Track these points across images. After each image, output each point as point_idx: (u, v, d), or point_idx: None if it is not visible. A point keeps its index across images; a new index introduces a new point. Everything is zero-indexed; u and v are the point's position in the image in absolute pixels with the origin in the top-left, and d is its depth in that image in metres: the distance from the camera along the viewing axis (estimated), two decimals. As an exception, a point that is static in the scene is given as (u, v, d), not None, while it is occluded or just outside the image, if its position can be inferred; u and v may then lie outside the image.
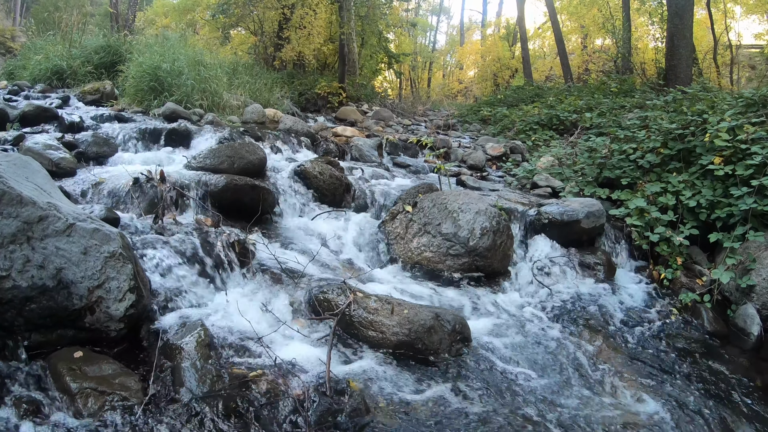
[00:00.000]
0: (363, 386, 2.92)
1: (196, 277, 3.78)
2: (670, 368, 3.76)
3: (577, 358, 3.69)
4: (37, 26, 16.13)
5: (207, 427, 2.44)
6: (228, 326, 3.30)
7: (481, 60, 30.51)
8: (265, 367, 2.93)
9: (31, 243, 2.74)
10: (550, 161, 8.26)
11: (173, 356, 2.87)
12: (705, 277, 5.10)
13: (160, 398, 2.64)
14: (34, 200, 2.82)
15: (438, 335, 3.39)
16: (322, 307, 3.56)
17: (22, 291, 2.68)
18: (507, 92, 18.71)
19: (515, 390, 3.15)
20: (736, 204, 5.12)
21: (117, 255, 2.91)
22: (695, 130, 6.18)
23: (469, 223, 4.88)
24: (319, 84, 15.35)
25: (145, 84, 9.54)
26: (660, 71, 13.87)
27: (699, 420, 3.09)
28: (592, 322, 4.35)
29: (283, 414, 2.60)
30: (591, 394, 3.24)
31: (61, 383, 2.56)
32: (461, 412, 2.85)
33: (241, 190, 5.05)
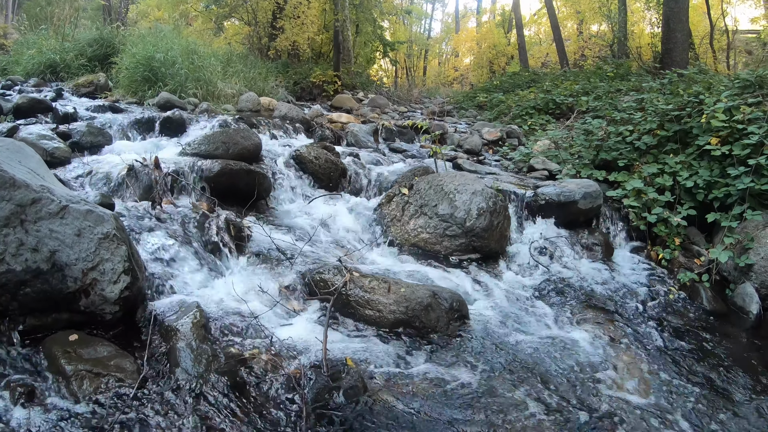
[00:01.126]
0: (360, 364, 2.92)
1: (192, 260, 3.77)
2: (668, 344, 3.75)
3: (575, 334, 3.68)
4: (29, 22, 16.01)
5: (203, 407, 2.43)
6: (224, 308, 3.28)
7: (477, 47, 30.37)
8: (261, 347, 2.92)
9: (25, 226, 2.71)
10: (546, 145, 8.24)
11: (169, 338, 2.85)
12: (703, 257, 5.09)
13: (155, 379, 2.63)
14: (28, 183, 2.80)
15: (435, 313, 3.38)
16: (318, 287, 3.55)
17: (16, 275, 2.66)
18: (503, 78, 18.63)
19: (514, 366, 3.13)
20: (734, 184, 5.11)
21: (111, 236, 2.89)
22: (692, 111, 6.16)
23: (466, 204, 4.86)
24: (314, 73, 15.28)
25: (139, 74, 9.48)
26: (656, 55, 13.82)
27: (698, 395, 3.08)
28: (591, 299, 4.35)
29: (280, 392, 2.60)
30: (590, 371, 3.22)
31: (55, 366, 2.54)
32: (459, 388, 2.83)
33: (236, 175, 5.02)
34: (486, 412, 2.67)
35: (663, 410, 2.86)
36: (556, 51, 21.58)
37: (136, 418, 2.32)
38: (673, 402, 2.97)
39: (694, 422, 2.79)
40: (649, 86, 8.60)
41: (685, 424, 2.76)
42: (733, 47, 16.91)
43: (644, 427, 2.67)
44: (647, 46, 15.93)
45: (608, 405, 2.85)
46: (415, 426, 2.48)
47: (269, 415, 2.45)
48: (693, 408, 2.93)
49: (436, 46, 41.26)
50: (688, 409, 2.90)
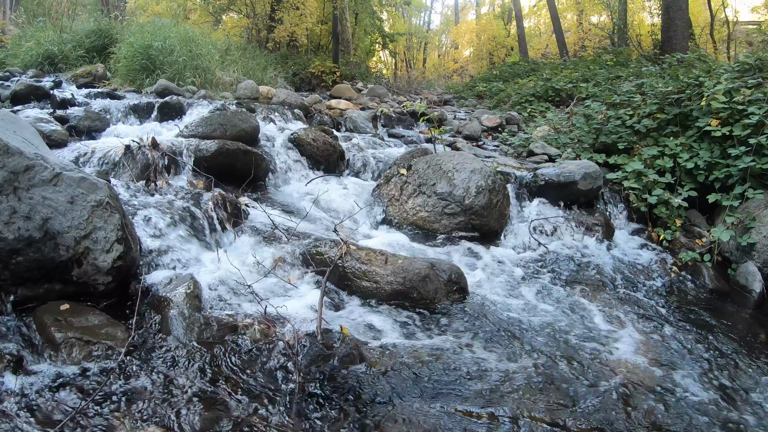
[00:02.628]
0: (356, 334, 2.88)
1: (187, 236, 3.73)
2: (670, 319, 3.71)
3: (577, 308, 3.64)
4: (27, 16, 15.96)
5: (194, 373, 2.40)
6: (218, 280, 3.24)
7: (477, 39, 30.28)
8: (255, 316, 2.88)
9: (18, 193, 2.68)
10: (546, 130, 8.19)
11: (161, 307, 2.82)
12: (704, 239, 5.06)
13: (146, 346, 2.60)
14: (21, 150, 2.76)
15: (433, 284, 3.34)
16: (314, 260, 3.52)
17: (8, 243, 2.63)
18: (502, 68, 18.56)
19: (514, 337, 3.08)
20: (735, 164, 5.10)
21: (104, 204, 2.86)
22: (691, 94, 6.14)
23: (464, 182, 4.83)
24: (313, 63, 15.24)
25: (137, 63, 9.45)
26: (656, 43, 13.75)
27: (701, 367, 3.03)
28: (591, 276, 4.31)
29: (273, 359, 2.55)
30: (593, 341, 3.17)
31: (45, 334, 2.51)
32: (458, 356, 2.79)
33: (233, 155, 4.98)
34: (484, 379, 2.62)
35: (667, 381, 2.80)
36: (555, 42, 21.50)
37: (125, 383, 2.29)
38: (676, 373, 2.91)
39: (698, 392, 2.74)
40: (648, 71, 8.56)
41: (689, 394, 2.70)
42: (733, 38, 16.82)
43: (646, 395, 2.63)
44: (647, 35, 15.84)
45: (611, 374, 2.80)
46: (412, 392, 2.44)
47: (262, 381, 2.41)
48: (697, 379, 2.88)
49: (435, 39, 41.14)
50: (691, 380, 2.85)
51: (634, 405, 2.53)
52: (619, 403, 2.53)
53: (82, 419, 2.03)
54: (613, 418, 2.40)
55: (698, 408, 2.57)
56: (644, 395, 2.64)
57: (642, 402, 2.56)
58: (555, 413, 2.39)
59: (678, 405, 2.57)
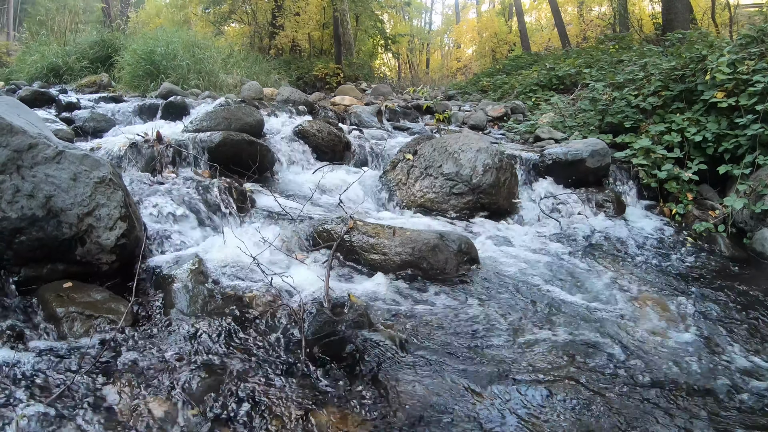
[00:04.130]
0: (366, 303, 2.82)
1: (193, 221, 3.70)
2: (689, 285, 3.61)
3: (592, 277, 3.56)
4: (30, 33, 16.16)
5: (196, 343, 2.34)
6: (224, 260, 3.18)
7: (478, 37, 30.24)
8: (260, 289, 2.83)
9: (21, 172, 2.66)
10: (551, 116, 8.14)
11: (165, 284, 2.78)
12: (717, 211, 4.99)
13: (148, 320, 2.55)
14: (25, 129, 2.74)
15: (443, 254, 3.27)
16: (321, 238, 3.46)
17: (11, 222, 2.60)
18: (505, 62, 18.50)
19: (529, 305, 2.99)
20: (743, 134, 5.04)
21: (107, 180, 2.83)
22: (695, 68, 6.09)
23: (471, 162, 4.77)
24: (316, 66, 15.26)
25: (141, 69, 9.52)
26: (657, 26, 13.67)
27: (724, 330, 2.93)
28: (606, 247, 4.25)
29: (278, 327, 2.49)
30: (611, 309, 3.07)
31: (47, 310, 2.47)
32: (469, 325, 2.72)
33: (238, 145, 4.94)
34: (497, 343, 2.56)
35: (686, 345, 2.72)
36: (557, 36, 21.44)
37: (125, 355, 2.24)
38: (697, 337, 2.82)
39: (721, 355, 2.65)
40: (650, 50, 8.49)
41: (711, 357, 2.61)
42: (735, 21, 16.67)
43: (667, 359, 2.55)
44: (648, 19, 15.75)
45: (629, 340, 2.72)
46: (422, 355, 2.38)
47: (267, 349, 2.35)
48: (719, 341, 2.78)
49: (437, 39, 41.18)
50: (713, 344, 2.76)
51: (654, 365, 2.47)
52: (641, 364, 2.47)
53: (79, 390, 1.98)
54: (633, 380, 2.33)
55: (722, 369, 2.49)
56: (662, 355, 2.57)
57: (661, 362, 2.49)
58: (571, 373, 2.33)
59: (701, 366, 2.50)
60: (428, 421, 1.94)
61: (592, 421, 1.99)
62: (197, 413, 1.90)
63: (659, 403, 2.13)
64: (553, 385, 2.18)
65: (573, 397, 2.11)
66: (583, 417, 2.01)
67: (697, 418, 2.06)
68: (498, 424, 1.93)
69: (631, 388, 2.23)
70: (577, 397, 2.12)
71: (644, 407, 2.09)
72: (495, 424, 1.93)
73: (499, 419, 1.96)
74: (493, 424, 1.93)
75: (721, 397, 2.23)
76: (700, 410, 2.11)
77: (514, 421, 1.96)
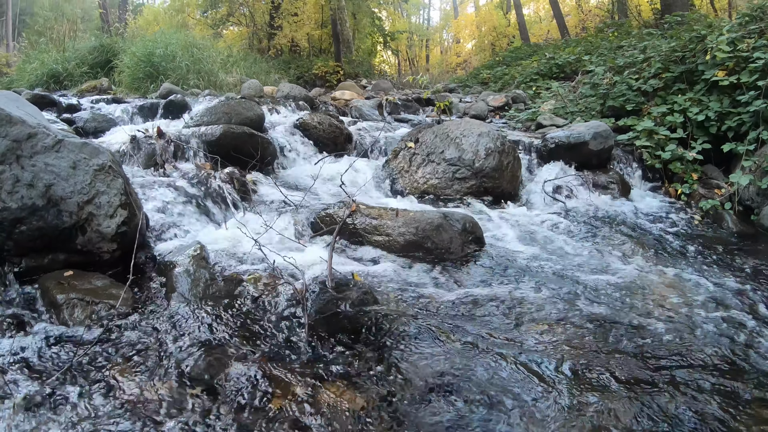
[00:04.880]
0: (370, 283, 2.79)
1: (194, 211, 3.68)
2: (697, 259, 3.56)
3: (601, 254, 3.50)
4: (29, 42, 16.21)
5: (198, 324, 2.30)
6: (226, 247, 3.16)
7: (477, 31, 30.17)
8: (263, 271, 2.81)
9: (21, 162, 2.64)
10: (553, 104, 8.10)
11: (167, 270, 2.76)
12: (723, 189, 4.95)
13: (150, 303, 2.53)
14: (24, 119, 2.73)
15: (448, 234, 3.23)
16: (324, 222, 3.44)
17: (12, 212, 2.58)
18: (505, 53, 18.44)
19: (536, 282, 2.92)
20: (746, 110, 5.02)
21: (106, 168, 2.81)
22: (695, 49, 6.06)
23: (473, 146, 4.74)
24: (316, 65, 15.25)
25: (141, 71, 9.53)
26: (656, 12, 13.60)
27: (737, 302, 2.88)
28: (613, 226, 4.19)
29: (281, 307, 2.46)
30: (622, 285, 3.00)
31: (48, 298, 2.44)
32: (475, 302, 2.67)
33: (239, 138, 4.92)
34: (504, 318, 2.51)
35: (697, 317, 2.66)
36: (557, 28, 21.34)
37: (125, 338, 2.21)
38: (710, 308, 2.76)
39: (735, 326, 2.59)
40: (649, 33, 8.45)
41: (725, 326, 2.56)
42: (734, 6, 16.58)
43: (677, 332, 2.49)
44: (647, 5, 15.66)
45: (641, 311, 2.66)
46: (427, 332, 2.32)
47: (270, 328, 2.32)
48: (733, 313, 2.73)
49: (436, 35, 41.10)
50: (726, 313, 2.70)
51: (664, 334, 2.42)
52: (651, 333, 2.43)
53: (79, 372, 1.96)
54: (642, 348, 2.29)
55: (730, 337, 2.44)
56: (674, 324, 2.52)
57: (672, 332, 2.45)
58: (580, 344, 2.29)
59: (710, 334, 2.45)
60: (435, 395, 1.91)
61: (600, 390, 1.96)
62: (198, 392, 1.87)
63: (672, 371, 2.09)
64: (563, 358, 2.14)
65: (583, 369, 2.08)
66: (592, 387, 1.97)
67: (710, 381, 2.02)
68: (507, 397, 1.90)
69: (643, 357, 2.19)
70: (587, 367, 2.08)
71: (654, 375, 2.05)
72: (503, 397, 1.90)
73: (507, 392, 1.93)
74: (501, 397, 1.89)
75: (738, 362, 2.19)
76: (715, 376, 2.07)
77: (523, 393, 1.92)
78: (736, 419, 1.81)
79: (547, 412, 1.80)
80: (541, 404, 1.85)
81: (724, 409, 1.85)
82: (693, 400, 1.90)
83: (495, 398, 1.87)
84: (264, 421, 1.75)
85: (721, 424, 1.78)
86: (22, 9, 31.35)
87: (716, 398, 1.92)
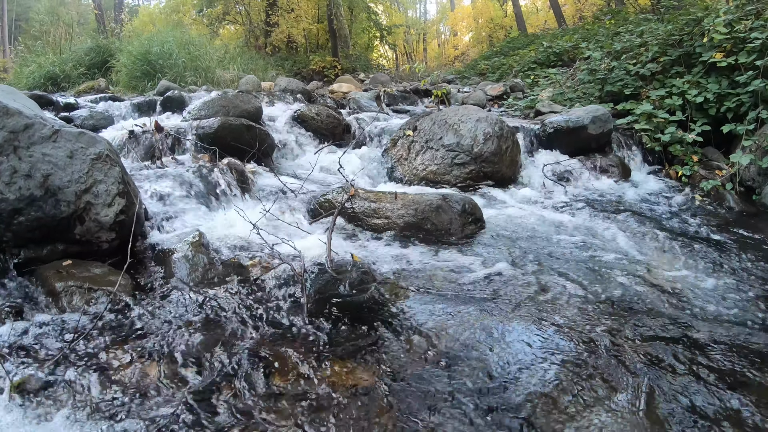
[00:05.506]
0: (369, 264, 2.78)
1: (193, 201, 3.66)
2: (700, 236, 3.54)
3: (604, 232, 3.48)
4: (25, 46, 16.20)
5: (196, 307, 2.30)
6: (225, 235, 3.15)
7: (474, 23, 30.15)
8: (262, 255, 2.80)
9: (18, 152, 2.63)
10: (551, 92, 8.08)
11: (166, 257, 2.76)
12: (724, 171, 4.94)
13: (148, 289, 2.53)
14: (21, 110, 2.72)
15: (447, 215, 3.22)
16: (323, 208, 3.43)
17: (9, 204, 2.57)
18: (502, 44, 18.41)
19: (538, 260, 2.91)
20: (744, 91, 5.02)
21: (104, 157, 2.80)
22: (691, 31, 6.05)
23: (471, 131, 4.72)
24: (313, 60, 15.22)
25: (138, 70, 9.52)
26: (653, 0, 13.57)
27: (745, 275, 2.86)
28: (614, 206, 4.18)
29: (280, 289, 2.45)
30: (626, 261, 2.98)
31: (47, 286, 2.43)
32: (475, 274, 2.66)
33: (236, 130, 4.91)
34: (507, 296, 2.50)
35: (702, 288, 2.65)
36: (554, 18, 21.29)
37: (125, 320, 2.21)
38: (711, 285, 2.73)
39: (735, 301, 2.58)
40: (645, 18, 8.42)
41: (727, 302, 2.54)
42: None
43: (680, 307, 2.48)
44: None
45: (644, 285, 2.65)
46: (427, 308, 2.31)
47: (268, 309, 2.30)
48: (734, 289, 2.71)
49: (433, 28, 41.03)
50: (727, 290, 2.68)
51: (667, 306, 2.41)
52: (652, 304, 2.41)
53: (77, 356, 1.95)
54: (643, 319, 2.28)
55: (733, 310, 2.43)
56: (677, 299, 2.51)
57: (674, 303, 2.44)
58: (582, 315, 2.28)
59: (712, 309, 2.44)
60: (437, 369, 1.90)
61: (604, 355, 1.95)
62: (196, 371, 1.87)
63: (676, 340, 2.09)
64: (565, 330, 2.13)
65: (585, 340, 2.07)
66: (594, 355, 1.97)
67: (712, 348, 2.01)
68: (509, 366, 1.89)
69: (644, 327, 2.18)
70: (589, 339, 2.07)
71: (655, 346, 2.04)
72: (506, 367, 1.89)
73: (510, 363, 1.92)
74: (504, 368, 1.89)
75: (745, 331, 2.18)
76: (717, 344, 2.06)
77: (525, 363, 1.91)
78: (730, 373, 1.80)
79: (549, 383, 1.79)
80: (541, 374, 1.84)
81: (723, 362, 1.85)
82: (691, 355, 1.90)
83: (496, 370, 1.87)
84: (264, 398, 1.74)
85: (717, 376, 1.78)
86: (18, 14, 31.34)
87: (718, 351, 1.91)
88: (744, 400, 1.70)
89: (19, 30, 30.47)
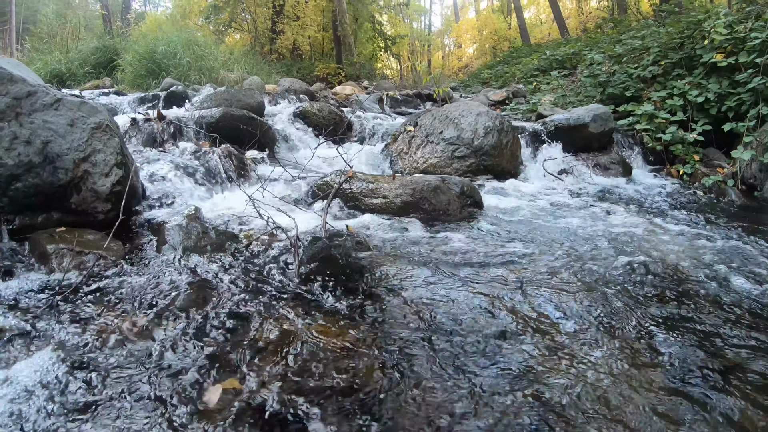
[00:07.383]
0: (364, 235, 2.76)
1: (192, 184, 3.67)
2: (700, 227, 3.52)
3: (604, 221, 3.46)
4: (32, 47, 16.33)
5: (185, 270, 2.30)
6: (221, 213, 3.16)
7: (479, 35, 30.33)
8: (257, 228, 2.80)
9: (20, 119, 2.64)
10: (553, 96, 8.12)
11: (160, 227, 2.75)
12: (726, 168, 4.95)
13: (140, 254, 2.52)
14: (24, 78, 2.75)
15: (446, 196, 3.22)
16: (321, 190, 3.43)
17: (8, 169, 2.57)
18: (505, 54, 18.51)
19: (537, 240, 2.88)
20: (745, 89, 5.06)
21: (103, 127, 2.81)
22: (692, 34, 6.10)
23: (471, 125, 4.73)
24: (317, 67, 15.30)
25: (143, 68, 9.58)
26: (654, 7, 13.66)
27: (748, 262, 2.83)
28: (615, 200, 4.18)
29: (274, 255, 2.45)
30: (629, 246, 2.96)
31: (38, 249, 2.43)
32: (473, 248, 2.65)
33: (238, 121, 4.91)
34: (502, 264, 2.48)
35: (702, 272, 2.62)
36: (557, 30, 21.41)
37: (113, 281, 2.20)
38: (714, 269, 2.70)
39: (743, 285, 2.54)
40: (646, 23, 8.49)
41: (735, 285, 2.50)
42: (734, 0, 16.60)
43: (684, 289, 2.46)
44: (645, 1, 15.74)
45: (646, 269, 2.62)
46: (419, 275, 2.29)
47: (260, 273, 2.29)
48: (740, 271, 2.67)
49: (437, 40, 41.31)
50: (731, 273, 2.65)
51: (671, 289, 2.39)
52: (651, 282, 2.39)
53: (61, 311, 1.94)
54: (642, 297, 2.26)
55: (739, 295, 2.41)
56: (679, 278, 2.49)
57: (679, 282, 2.42)
58: (582, 287, 2.26)
59: (717, 290, 2.42)
60: (430, 330, 1.88)
61: (594, 331, 1.94)
62: (182, 324, 1.86)
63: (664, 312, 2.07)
64: (566, 300, 2.11)
65: (583, 307, 2.05)
66: (591, 319, 1.95)
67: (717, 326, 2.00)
68: (492, 333, 1.87)
69: (643, 306, 2.17)
70: (587, 305, 2.06)
71: (646, 316, 2.03)
72: (488, 332, 1.87)
73: (492, 327, 1.90)
74: (486, 332, 1.87)
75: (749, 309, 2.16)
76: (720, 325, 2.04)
77: (522, 328, 1.90)
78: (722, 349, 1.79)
79: (534, 350, 1.78)
80: (527, 342, 1.83)
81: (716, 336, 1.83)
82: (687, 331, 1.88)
83: (481, 335, 1.85)
84: (251, 352, 1.73)
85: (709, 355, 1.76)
86: (26, 17, 31.53)
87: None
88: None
89: (27, 32, 30.61)
